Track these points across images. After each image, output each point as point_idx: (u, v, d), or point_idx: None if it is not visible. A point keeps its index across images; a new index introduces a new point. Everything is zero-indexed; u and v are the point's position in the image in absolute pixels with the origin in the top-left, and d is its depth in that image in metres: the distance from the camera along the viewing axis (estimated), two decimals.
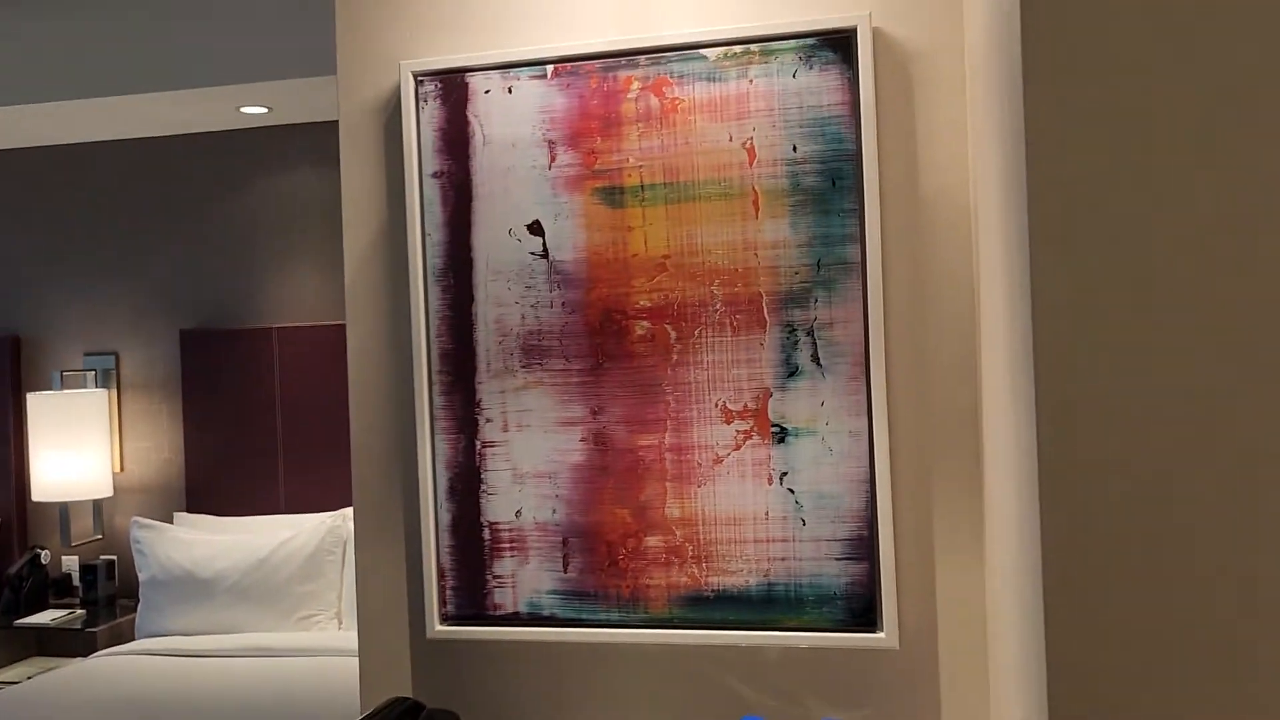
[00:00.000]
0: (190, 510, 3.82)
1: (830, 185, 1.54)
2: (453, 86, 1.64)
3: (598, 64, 1.60)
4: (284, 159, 3.83)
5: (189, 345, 3.84)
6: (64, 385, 3.95)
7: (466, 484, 1.64)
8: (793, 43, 1.55)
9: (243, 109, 3.62)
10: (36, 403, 3.70)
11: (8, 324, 4.03)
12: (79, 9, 3.40)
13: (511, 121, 1.62)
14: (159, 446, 3.92)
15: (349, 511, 3.61)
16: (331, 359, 3.73)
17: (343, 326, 3.72)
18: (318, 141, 3.81)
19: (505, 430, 1.63)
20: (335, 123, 3.82)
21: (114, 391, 3.92)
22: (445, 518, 1.65)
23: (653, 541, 1.59)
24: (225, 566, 3.44)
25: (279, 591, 3.41)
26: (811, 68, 1.55)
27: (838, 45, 1.54)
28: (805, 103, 1.55)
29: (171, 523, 3.76)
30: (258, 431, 3.79)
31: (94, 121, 3.69)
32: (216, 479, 3.81)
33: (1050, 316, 0.94)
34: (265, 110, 3.64)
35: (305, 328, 3.76)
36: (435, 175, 1.65)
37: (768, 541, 1.55)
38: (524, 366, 1.62)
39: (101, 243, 3.96)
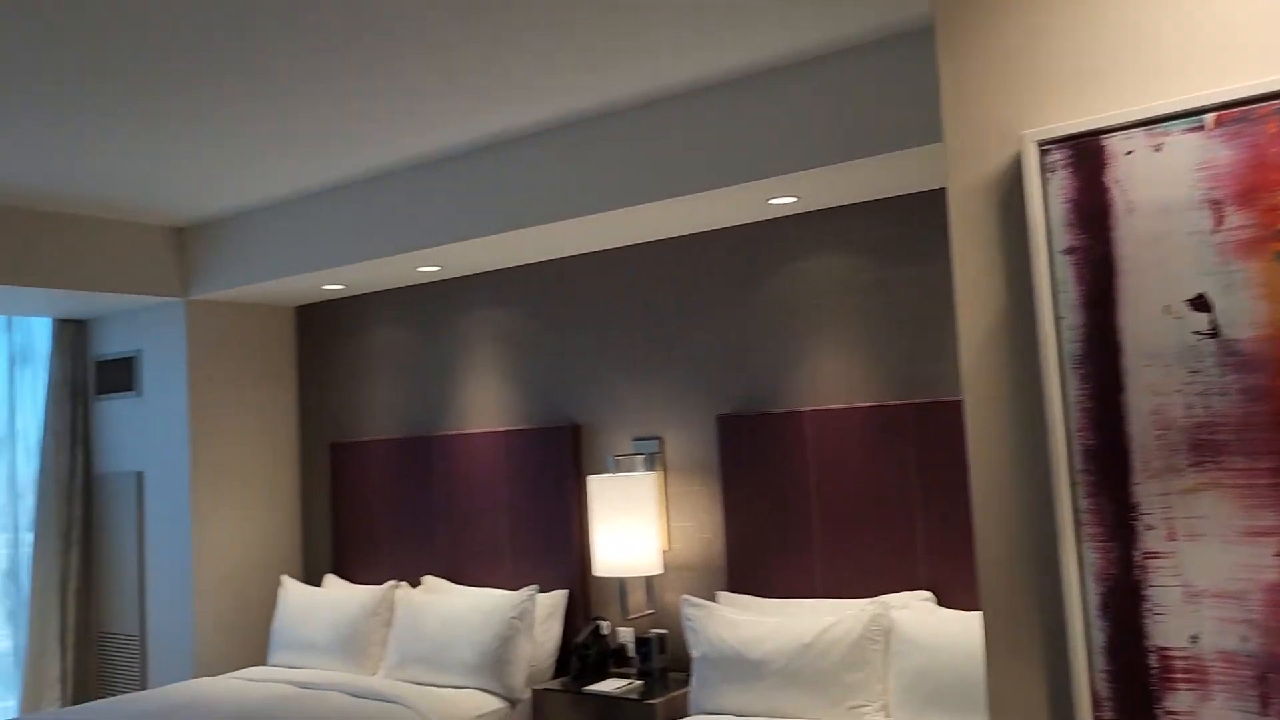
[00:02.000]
0: (732, 590, 3.93)
1: None
2: (1085, 152, 1.48)
3: (1276, 105, 1.35)
4: (809, 246, 3.89)
5: (726, 429, 3.99)
6: (618, 468, 4.28)
7: (1124, 600, 1.43)
8: None
9: (771, 201, 3.74)
10: (595, 484, 4.04)
11: (569, 413, 4.47)
12: (639, 126, 3.73)
13: (1161, 184, 1.42)
14: (700, 526, 4.10)
15: (889, 599, 3.49)
16: (861, 441, 3.68)
17: (872, 408, 3.65)
18: (842, 227, 3.82)
19: (1172, 539, 1.40)
20: (858, 206, 3.78)
21: (660, 474, 4.18)
22: (1099, 638, 1.44)
23: None
24: (772, 649, 3.46)
25: (827, 678, 3.36)
26: None
27: None
28: None
29: (715, 601, 3.89)
30: (792, 514, 3.82)
31: (635, 226, 4.02)
32: (755, 560, 3.89)
33: None
34: (793, 200, 3.73)
35: (835, 410, 3.74)
36: (1067, 251, 1.49)
37: None
38: (1193, 465, 1.39)
39: (645, 336, 4.27)
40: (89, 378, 5.44)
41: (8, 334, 5.27)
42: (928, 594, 3.51)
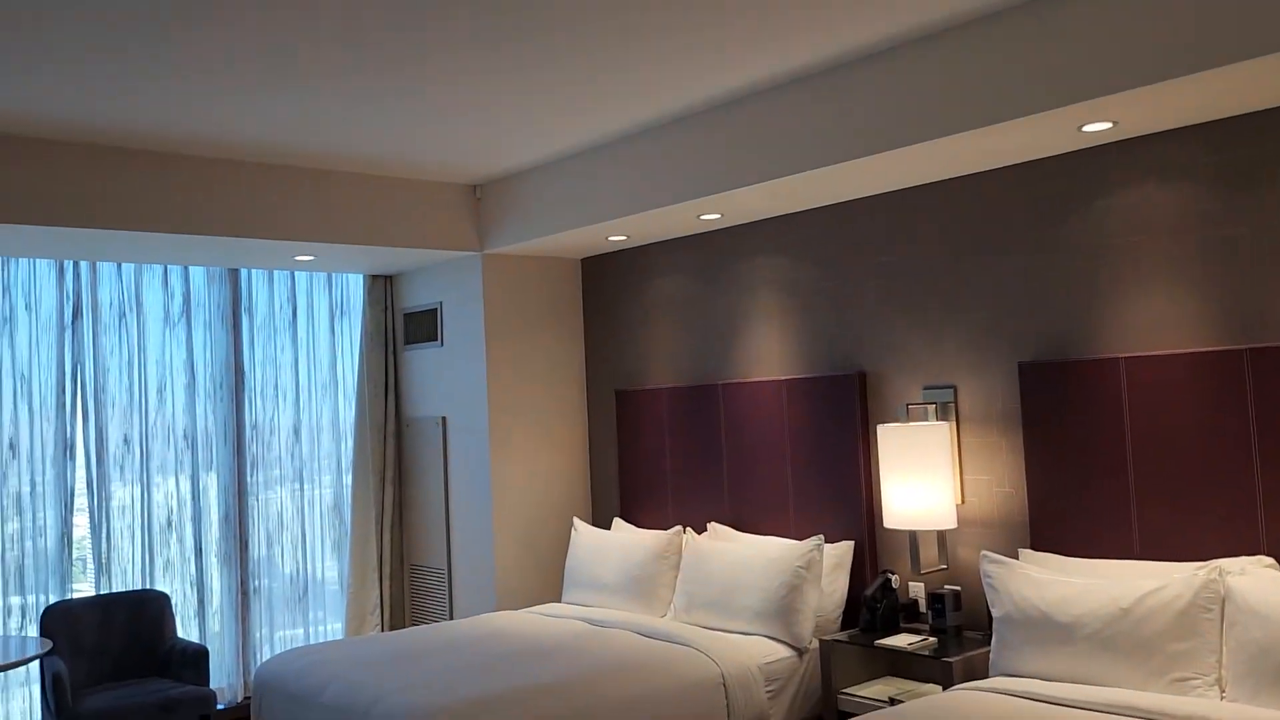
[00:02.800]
0: (1035, 548, 3.70)
1: None
2: None
3: None
4: (1126, 176, 3.55)
5: (1028, 378, 3.74)
6: (908, 417, 4.13)
7: None
8: None
9: (1084, 128, 3.43)
10: (884, 434, 3.91)
11: (855, 360, 4.35)
12: (933, 55, 3.52)
13: None
14: (998, 480, 3.88)
15: (1223, 564, 3.16)
16: (1188, 390, 3.33)
17: (1202, 354, 3.30)
18: (1164, 153, 3.46)
19: None
20: (1186, 130, 3.41)
21: (953, 424, 3.99)
22: None
23: None
24: (1083, 612, 3.23)
25: (1148, 647, 3.10)
26: None
27: None
28: None
29: (1015, 558, 3.68)
30: (1105, 470, 3.53)
31: (927, 163, 3.82)
32: (1061, 517, 3.64)
33: None
34: (1108, 126, 3.40)
35: (1156, 357, 3.41)
36: None
37: None
38: None
39: (936, 279, 4.07)
40: (397, 329, 5.87)
41: (328, 290, 5.77)
42: (1270, 560, 3.16)
